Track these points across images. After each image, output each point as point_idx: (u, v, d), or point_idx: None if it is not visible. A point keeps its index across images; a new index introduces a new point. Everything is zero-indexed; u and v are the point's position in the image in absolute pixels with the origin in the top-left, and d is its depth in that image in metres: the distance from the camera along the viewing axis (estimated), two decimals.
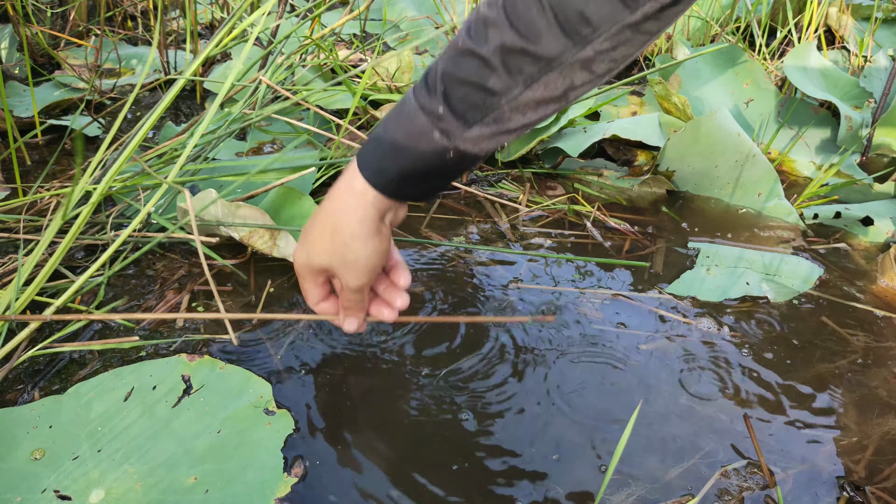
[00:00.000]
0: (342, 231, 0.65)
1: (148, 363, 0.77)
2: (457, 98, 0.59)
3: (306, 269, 0.70)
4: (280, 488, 0.63)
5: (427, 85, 0.60)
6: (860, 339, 0.90)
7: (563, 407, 0.77)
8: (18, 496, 0.63)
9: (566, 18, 0.55)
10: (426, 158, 0.61)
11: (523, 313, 0.90)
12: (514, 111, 0.60)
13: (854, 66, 1.69)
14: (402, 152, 0.61)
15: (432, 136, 0.60)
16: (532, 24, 0.56)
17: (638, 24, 0.56)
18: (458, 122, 0.59)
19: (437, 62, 0.60)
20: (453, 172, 0.64)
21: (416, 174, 0.62)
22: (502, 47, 0.57)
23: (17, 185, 1.10)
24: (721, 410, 0.78)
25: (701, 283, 0.98)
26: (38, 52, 1.61)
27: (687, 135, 1.18)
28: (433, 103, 0.59)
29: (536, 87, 0.58)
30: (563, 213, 1.15)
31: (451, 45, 0.60)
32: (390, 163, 0.62)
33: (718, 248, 1.06)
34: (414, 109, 0.61)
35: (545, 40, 0.56)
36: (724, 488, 0.68)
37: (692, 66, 1.51)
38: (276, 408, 0.72)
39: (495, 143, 0.62)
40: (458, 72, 0.58)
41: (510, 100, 0.59)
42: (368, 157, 0.64)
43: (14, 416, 0.71)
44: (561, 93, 0.59)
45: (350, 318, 0.73)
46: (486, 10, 0.58)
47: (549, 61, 0.57)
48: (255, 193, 1.02)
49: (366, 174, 0.63)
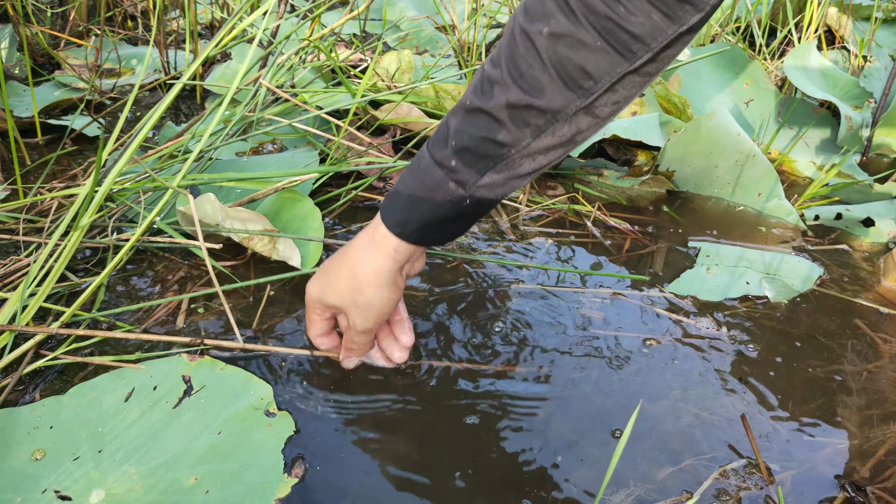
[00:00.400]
0: (360, 276, 0.69)
1: (148, 364, 0.77)
2: (469, 151, 0.63)
3: (317, 303, 0.74)
4: (280, 489, 0.64)
5: (440, 140, 0.65)
6: (861, 339, 0.90)
7: (562, 407, 0.77)
8: (19, 496, 0.63)
9: (567, 74, 0.59)
10: (445, 207, 0.65)
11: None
12: (524, 158, 0.63)
13: (854, 66, 1.69)
14: (422, 203, 0.66)
15: (448, 187, 0.64)
16: (535, 81, 0.59)
17: (637, 69, 0.59)
18: (470, 172, 0.64)
19: (448, 119, 0.65)
20: (472, 217, 0.68)
21: (437, 222, 0.67)
22: (508, 104, 0.60)
23: (18, 185, 1.10)
24: (720, 410, 0.78)
25: (701, 283, 0.98)
26: (38, 52, 1.61)
27: (687, 135, 1.18)
28: (447, 157, 0.64)
29: (544, 136, 0.62)
30: (563, 212, 1.15)
31: (460, 104, 0.64)
32: (411, 214, 0.66)
33: (718, 248, 1.06)
34: (429, 164, 0.65)
35: (549, 95, 0.60)
36: (722, 488, 0.68)
37: (692, 66, 1.51)
38: (277, 409, 0.72)
39: (509, 188, 0.66)
40: (468, 128, 0.62)
41: (520, 149, 0.62)
42: (391, 210, 0.68)
43: (15, 417, 0.71)
44: (568, 138, 0.63)
45: (351, 357, 0.78)
46: (490, 70, 0.62)
47: (555, 113, 0.60)
48: (256, 197, 1.02)
49: (389, 225, 0.68)
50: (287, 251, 0.93)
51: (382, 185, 1.19)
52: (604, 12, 0.56)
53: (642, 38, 0.57)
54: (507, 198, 1.17)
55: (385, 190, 1.18)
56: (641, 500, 0.67)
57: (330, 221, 1.09)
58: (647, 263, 1.03)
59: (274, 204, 1.02)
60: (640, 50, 0.58)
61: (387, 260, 0.68)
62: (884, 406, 0.79)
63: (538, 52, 0.58)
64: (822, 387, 0.82)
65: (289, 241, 0.93)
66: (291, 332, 0.85)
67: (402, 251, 0.69)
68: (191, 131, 1.13)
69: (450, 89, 1.27)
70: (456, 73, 1.32)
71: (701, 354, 0.86)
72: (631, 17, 0.56)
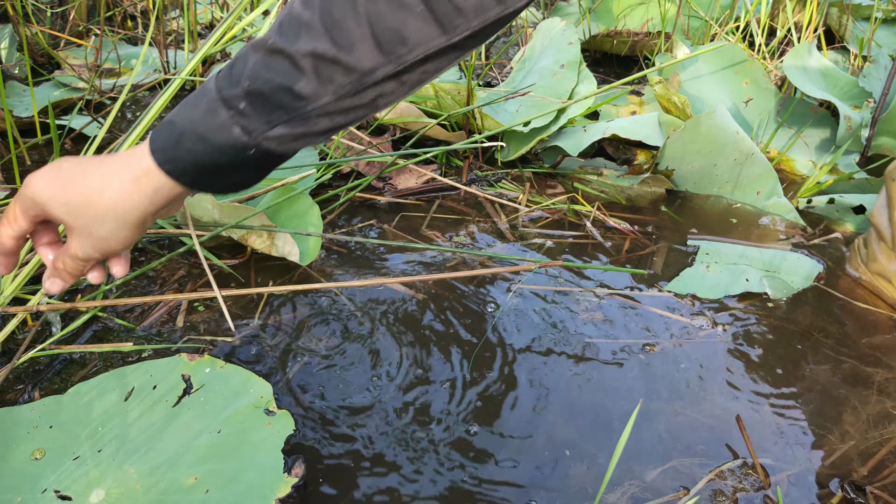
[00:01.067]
0: (105, 205, 0.60)
1: (148, 363, 0.77)
2: (262, 97, 0.56)
3: (35, 205, 0.61)
4: (280, 489, 0.63)
5: (232, 77, 0.57)
6: (861, 336, 0.90)
7: (561, 407, 0.77)
8: (19, 496, 0.63)
9: (382, 34, 0.54)
10: (226, 153, 0.58)
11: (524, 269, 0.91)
12: (321, 116, 0.58)
13: (854, 65, 1.69)
14: (199, 143, 0.58)
15: (232, 131, 0.57)
16: (347, 34, 0.54)
17: (455, 45, 0.55)
18: (261, 120, 0.57)
19: (245, 54, 0.57)
20: (258, 169, 0.61)
21: (215, 167, 0.59)
22: (314, 53, 0.55)
23: (17, 185, 1.10)
24: (717, 411, 0.78)
25: (701, 281, 0.98)
26: (38, 52, 1.61)
27: (686, 133, 1.18)
28: (236, 98, 0.57)
29: (346, 97, 0.57)
30: (562, 212, 1.15)
31: (262, 41, 0.57)
32: (185, 153, 0.58)
33: (718, 246, 1.06)
34: (215, 101, 0.57)
35: (359, 53, 0.55)
36: (719, 489, 0.68)
37: (692, 66, 1.51)
38: (277, 408, 0.72)
39: (301, 145, 0.60)
40: (265, 71, 0.56)
41: (318, 106, 0.57)
42: (162, 141, 0.59)
43: (14, 416, 0.71)
44: (369, 101, 0.58)
45: (60, 281, 0.65)
46: (301, 9, 0.56)
47: (362, 75, 0.56)
48: (255, 194, 1.02)
49: (158, 159, 0.58)
50: (286, 247, 0.93)
51: (382, 185, 1.19)
52: None
53: (465, 12, 0.53)
54: (505, 197, 1.17)
55: (384, 190, 1.18)
56: (637, 498, 0.67)
57: (330, 222, 1.09)
58: (646, 263, 1.03)
59: (273, 202, 1.02)
60: (461, 26, 0.54)
61: (143, 199, 0.59)
62: (883, 406, 0.79)
63: (355, 2, 0.53)
64: (820, 387, 0.82)
65: (287, 237, 0.93)
66: (292, 331, 0.85)
67: (165, 192, 0.60)
68: None
69: (449, 89, 1.27)
70: (455, 72, 1.32)
71: (699, 354, 0.86)
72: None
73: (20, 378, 0.76)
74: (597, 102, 1.33)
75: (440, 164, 1.27)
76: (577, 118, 1.28)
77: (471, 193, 1.19)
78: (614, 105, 1.51)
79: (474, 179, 1.24)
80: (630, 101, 1.52)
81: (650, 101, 1.51)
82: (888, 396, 0.81)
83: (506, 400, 0.77)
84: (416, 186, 1.19)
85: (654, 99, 1.49)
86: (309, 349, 0.83)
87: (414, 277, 0.87)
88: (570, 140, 1.24)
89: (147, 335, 0.83)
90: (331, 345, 0.84)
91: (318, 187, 1.16)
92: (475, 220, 1.12)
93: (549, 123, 1.24)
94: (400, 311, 0.90)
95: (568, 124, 1.27)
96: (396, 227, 1.08)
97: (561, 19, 1.49)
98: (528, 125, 1.23)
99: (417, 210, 1.13)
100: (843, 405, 0.79)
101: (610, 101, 1.41)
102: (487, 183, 1.23)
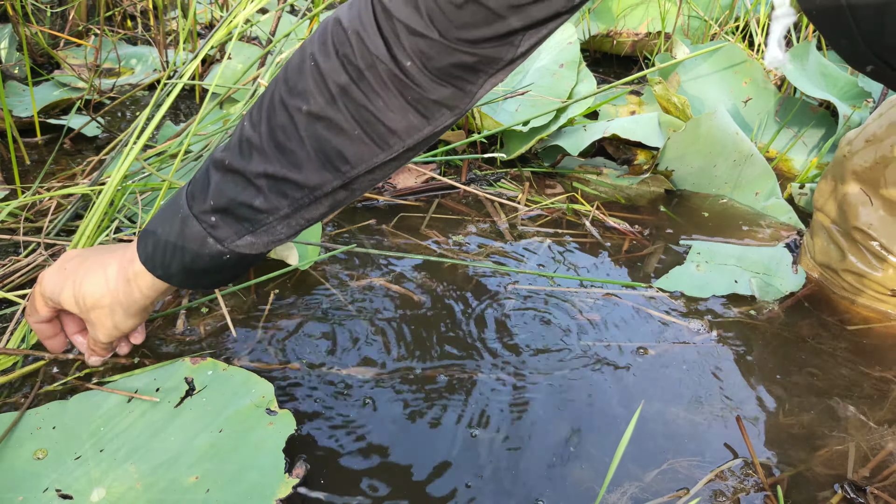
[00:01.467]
0: (108, 302, 0.67)
1: (152, 367, 0.78)
2: (228, 212, 0.62)
3: (50, 300, 0.69)
4: (281, 489, 0.64)
5: (200, 193, 0.62)
6: (857, 337, 0.90)
7: (560, 407, 0.77)
8: (20, 495, 0.63)
9: (325, 155, 0.58)
10: (205, 259, 0.64)
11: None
12: (282, 225, 0.63)
13: None
14: (181, 252, 0.64)
15: (207, 241, 0.63)
16: (293, 156, 0.58)
17: (397, 157, 0.59)
18: (230, 231, 0.62)
19: (209, 169, 0.62)
20: (239, 267, 0.66)
21: (201, 271, 0.65)
22: (266, 174, 0.59)
23: (17, 185, 1.10)
24: (716, 411, 0.78)
25: (689, 280, 0.99)
26: (37, 52, 1.61)
27: (687, 134, 1.18)
28: (206, 213, 0.62)
29: (302, 208, 0.61)
30: (561, 212, 1.15)
31: (220, 159, 0.61)
32: (171, 260, 0.64)
33: (710, 246, 1.07)
34: (188, 216, 0.62)
35: (307, 172, 0.59)
36: (718, 488, 0.69)
37: (691, 66, 1.51)
38: (278, 408, 0.72)
39: (269, 248, 0.65)
40: (227, 190, 0.61)
41: (277, 217, 0.62)
42: (148, 251, 0.65)
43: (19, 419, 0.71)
44: (326, 207, 0.62)
45: (97, 357, 0.75)
46: (250, 132, 0.60)
47: (313, 189, 0.60)
48: None
49: (148, 267, 0.65)
50: (284, 250, 0.93)
51: (381, 185, 1.19)
52: (362, 102, 0.55)
53: (398, 133, 0.57)
54: (504, 196, 1.17)
55: (383, 189, 1.19)
56: (637, 498, 0.67)
57: (329, 222, 1.09)
58: (645, 264, 1.03)
59: None
60: (397, 143, 0.58)
61: (140, 295, 0.67)
62: (882, 406, 0.80)
63: (297, 129, 0.57)
64: (818, 387, 0.82)
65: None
66: (293, 333, 0.85)
67: (159, 287, 0.67)
68: (186, 131, 1.13)
69: None
70: None
71: (696, 355, 0.86)
72: (388, 113, 0.56)
73: (24, 381, 0.77)
74: (596, 102, 1.33)
75: (439, 163, 1.27)
76: (576, 118, 1.28)
77: (470, 193, 1.19)
78: (614, 105, 1.51)
79: (474, 179, 1.24)
80: (630, 102, 1.52)
81: (650, 102, 1.51)
82: (887, 397, 0.81)
83: (506, 401, 0.77)
84: (415, 186, 1.19)
85: (653, 99, 1.50)
86: (309, 350, 0.83)
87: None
88: (570, 139, 1.24)
89: (149, 343, 0.83)
90: (331, 345, 0.84)
91: None
92: (474, 219, 1.12)
93: (549, 123, 1.25)
94: (399, 312, 0.90)
95: (567, 124, 1.27)
96: (396, 227, 1.08)
97: None
98: (527, 124, 1.23)
99: (416, 210, 1.13)
100: (841, 405, 0.80)
101: (610, 101, 1.41)
102: (486, 182, 1.23)
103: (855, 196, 0.92)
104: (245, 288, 0.92)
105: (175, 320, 0.86)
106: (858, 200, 0.92)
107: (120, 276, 0.67)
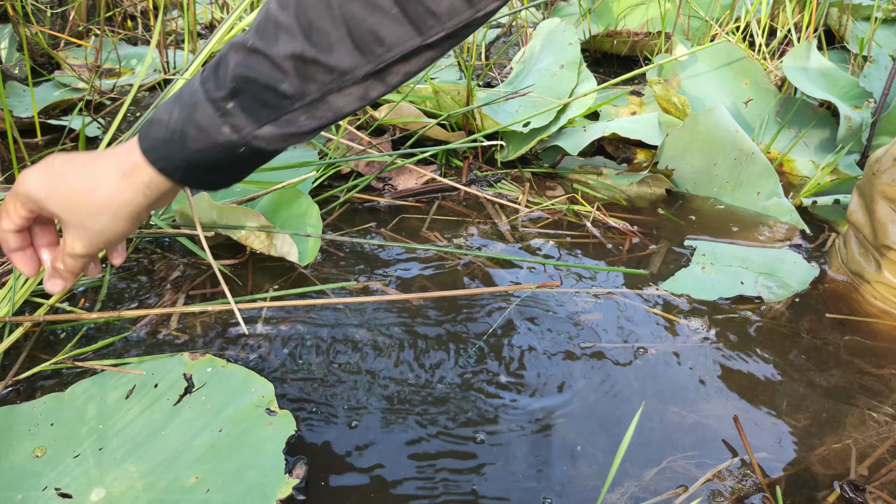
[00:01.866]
0: (100, 201, 0.61)
1: (149, 362, 0.77)
2: (248, 97, 0.57)
3: (31, 201, 0.62)
4: (281, 489, 0.64)
5: (217, 76, 0.58)
6: (858, 338, 0.90)
7: (559, 408, 0.77)
8: (19, 494, 0.63)
9: (360, 36, 0.55)
10: (216, 151, 0.58)
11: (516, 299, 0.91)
12: (307, 115, 0.58)
13: (854, 66, 1.69)
14: (189, 142, 0.58)
15: (222, 130, 0.57)
16: (325, 35, 0.55)
17: (431, 45, 0.56)
18: (249, 119, 0.57)
19: (227, 53, 0.58)
20: (248, 165, 0.62)
21: (207, 164, 0.60)
22: (293, 55, 0.55)
23: None
24: (715, 411, 0.78)
25: (695, 282, 0.99)
26: (37, 52, 1.61)
27: (685, 131, 1.18)
28: (223, 98, 0.57)
29: (330, 95, 0.57)
30: (562, 213, 1.15)
31: (242, 41, 0.57)
32: (176, 150, 0.59)
33: (715, 247, 1.07)
34: (202, 101, 0.57)
35: (338, 53, 0.55)
36: (716, 488, 0.68)
37: (691, 66, 1.51)
38: (278, 408, 0.72)
39: (289, 143, 0.60)
40: (248, 71, 0.56)
41: (303, 104, 0.57)
42: (151, 141, 0.59)
43: (15, 414, 0.71)
44: (356, 102, 0.58)
45: (60, 280, 0.66)
46: (278, 12, 0.56)
47: (343, 73, 0.56)
48: (254, 196, 1.02)
49: (150, 158, 0.59)
50: (285, 247, 0.93)
51: (382, 186, 1.19)
52: None
53: (439, 15, 0.54)
54: (504, 197, 1.17)
55: (384, 190, 1.19)
56: (637, 498, 0.67)
57: (329, 225, 1.09)
58: (646, 264, 1.03)
59: (273, 201, 1.02)
60: (435, 27, 0.54)
61: (135, 194, 0.61)
62: (881, 406, 0.80)
63: (330, 6, 0.53)
64: (817, 388, 0.82)
65: (286, 237, 0.93)
66: (293, 333, 0.85)
67: (156, 186, 0.61)
68: None
69: (448, 89, 1.27)
70: (455, 72, 1.32)
71: (696, 356, 0.86)
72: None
73: (21, 379, 0.77)
74: (597, 102, 1.33)
75: (440, 164, 1.27)
76: (576, 118, 1.28)
77: (471, 194, 1.19)
78: (614, 105, 1.51)
79: (474, 180, 1.24)
80: (630, 102, 1.52)
81: (650, 102, 1.51)
82: (885, 397, 0.81)
83: (506, 402, 0.77)
84: (415, 187, 1.19)
85: (653, 99, 1.50)
86: (310, 350, 0.83)
87: (410, 295, 0.87)
88: (570, 140, 1.24)
89: (145, 338, 0.83)
90: (331, 346, 0.84)
91: (318, 187, 1.16)
92: (475, 220, 1.12)
93: (549, 123, 1.25)
94: (399, 314, 0.90)
95: (568, 124, 1.27)
96: (396, 228, 1.08)
97: (561, 19, 1.49)
98: (527, 125, 1.23)
99: (417, 211, 1.13)
100: (840, 405, 0.79)
101: (610, 102, 1.41)
102: (487, 183, 1.23)
103: (885, 214, 0.93)
104: (243, 286, 0.92)
105: (170, 315, 0.86)
106: (888, 218, 0.92)
107: (116, 170, 0.61)
